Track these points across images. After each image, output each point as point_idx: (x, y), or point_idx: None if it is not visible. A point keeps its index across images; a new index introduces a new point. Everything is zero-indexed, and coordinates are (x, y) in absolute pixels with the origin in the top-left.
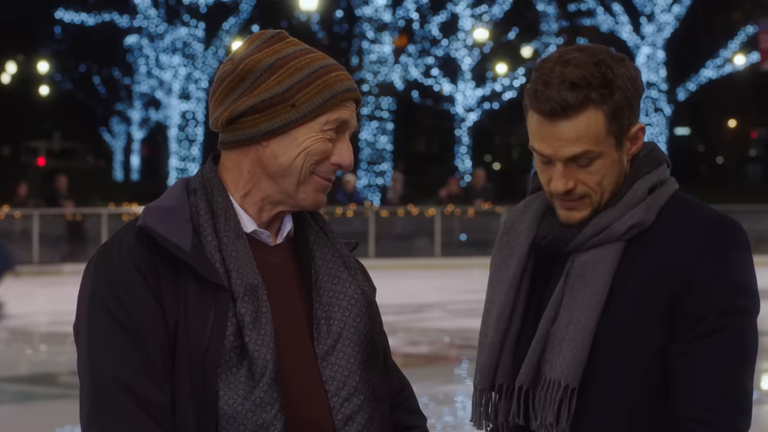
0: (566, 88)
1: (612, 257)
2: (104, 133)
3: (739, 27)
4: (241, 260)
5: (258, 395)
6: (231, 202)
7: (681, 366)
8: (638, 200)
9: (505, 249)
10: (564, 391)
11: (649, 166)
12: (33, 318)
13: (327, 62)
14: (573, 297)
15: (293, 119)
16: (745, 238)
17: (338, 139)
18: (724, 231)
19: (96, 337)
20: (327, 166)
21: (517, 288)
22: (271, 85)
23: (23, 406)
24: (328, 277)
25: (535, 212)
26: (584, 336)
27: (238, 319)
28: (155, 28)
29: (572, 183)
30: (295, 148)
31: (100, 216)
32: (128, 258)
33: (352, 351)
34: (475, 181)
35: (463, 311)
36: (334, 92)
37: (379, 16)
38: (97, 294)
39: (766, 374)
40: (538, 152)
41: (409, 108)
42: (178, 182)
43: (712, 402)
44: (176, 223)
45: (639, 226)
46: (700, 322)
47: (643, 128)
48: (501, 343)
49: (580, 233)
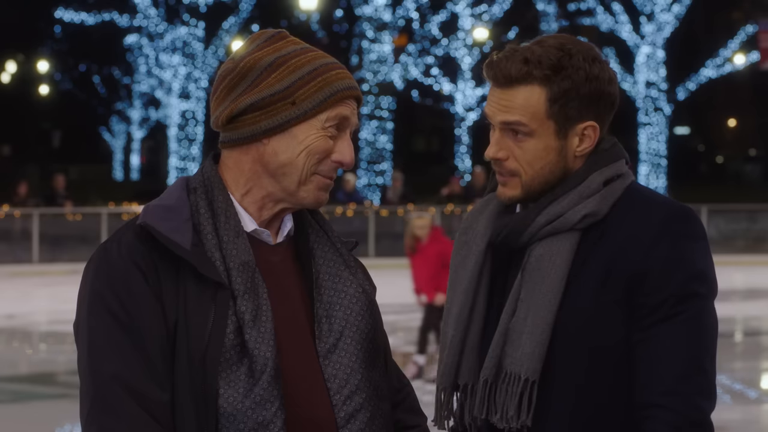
0: (517, 61)
1: (567, 249)
2: (104, 132)
3: (739, 26)
4: (241, 259)
5: (258, 393)
6: (231, 200)
7: (639, 354)
8: (593, 191)
9: (463, 249)
10: (524, 384)
11: (607, 160)
12: (33, 317)
13: (327, 60)
14: (530, 290)
15: (294, 116)
16: (700, 226)
17: (339, 136)
18: (677, 219)
19: (96, 336)
20: (328, 164)
21: (475, 286)
22: (272, 82)
23: (23, 406)
24: (329, 275)
25: (492, 211)
26: (543, 329)
27: (238, 318)
28: (155, 27)
29: (503, 153)
30: (296, 146)
31: (99, 215)
32: (128, 256)
33: (353, 349)
34: (474, 180)
35: None
36: (335, 89)
37: (379, 16)
38: (96, 293)
39: (766, 374)
40: (484, 114)
41: (409, 107)
42: (178, 181)
43: (670, 386)
44: (176, 221)
45: (592, 216)
46: (656, 310)
47: (594, 127)
48: (462, 342)
49: (533, 222)
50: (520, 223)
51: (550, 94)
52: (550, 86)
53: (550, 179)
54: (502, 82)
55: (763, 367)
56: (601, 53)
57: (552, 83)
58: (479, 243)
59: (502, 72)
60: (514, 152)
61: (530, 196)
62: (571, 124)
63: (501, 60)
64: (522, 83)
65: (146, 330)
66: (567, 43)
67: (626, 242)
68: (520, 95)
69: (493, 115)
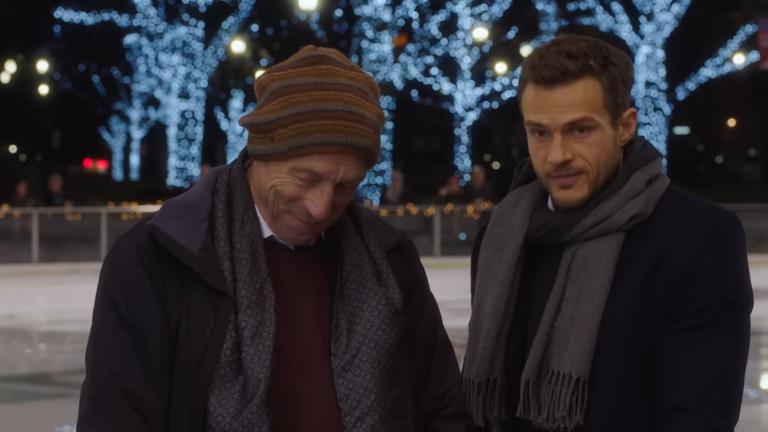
0: (564, 57)
1: (614, 249)
2: (104, 132)
3: (739, 26)
4: (250, 269)
5: (246, 416)
6: (252, 204)
7: (673, 356)
8: (638, 191)
9: (496, 242)
10: (576, 383)
11: (646, 159)
12: (32, 317)
13: (327, 106)
14: (576, 290)
15: (268, 153)
16: (743, 233)
17: (315, 186)
18: (727, 225)
19: (101, 333)
20: (299, 208)
21: (511, 280)
22: (268, 110)
23: (22, 406)
24: (355, 285)
25: (527, 204)
26: (592, 328)
27: (237, 332)
28: (154, 27)
29: (570, 154)
30: (268, 181)
31: (99, 215)
32: (136, 255)
33: (369, 367)
34: (474, 180)
35: (462, 310)
36: (305, 142)
37: (379, 16)
38: (106, 289)
39: (766, 373)
40: (535, 124)
41: (408, 107)
42: (210, 173)
43: (700, 393)
44: (191, 221)
45: (640, 217)
46: (696, 315)
47: (635, 113)
48: (497, 335)
49: (579, 223)
50: (566, 222)
51: (606, 84)
52: (604, 75)
53: (610, 171)
54: (558, 77)
55: (763, 367)
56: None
57: (605, 73)
58: (517, 237)
59: (560, 69)
60: (580, 151)
61: (595, 194)
62: (620, 112)
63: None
64: (577, 77)
65: (149, 334)
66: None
67: (673, 245)
68: (579, 89)
69: (552, 120)
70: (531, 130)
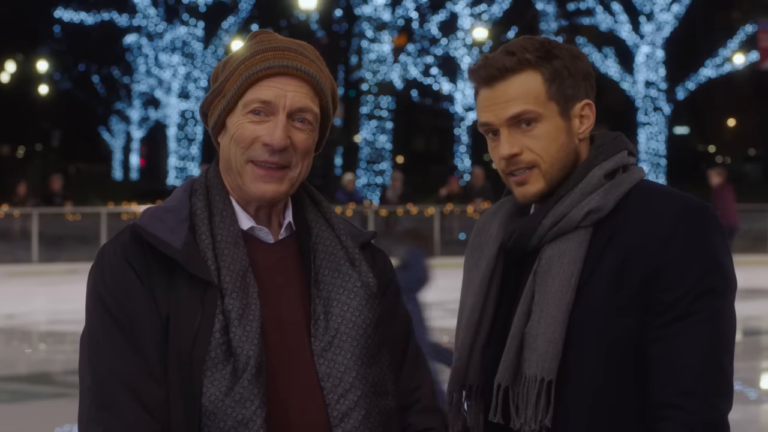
0: (503, 55)
1: (575, 248)
2: (104, 132)
3: (739, 26)
4: (232, 257)
5: (238, 391)
6: (230, 200)
7: (656, 351)
8: (594, 187)
9: (476, 252)
10: (540, 384)
11: (607, 153)
12: (32, 317)
13: (266, 46)
14: (541, 292)
15: (222, 109)
16: (716, 221)
17: (270, 120)
18: (694, 214)
19: (96, 335)
20: (257, 149)
21: (486, 290)
22: (215, 80)
23: (22, 406)
24: (329, 270)
25: (505, 214)
26: (555, 328)
27: (225, 315)
28: (154, 27)
29: (517, 148)
30: (227, 139)
31: (99, 215)
32: (122, 256)
33: (349, 347)
34: (474, 180)
35: None
36: (252, 72)
37: (379, 15)
38: (96, 292)
39: (766, 373)
40: (483, 124)
41: (408, 107)
42: (184, 183)
43: (687, 386)
44: (172, 221)
45: (596, 212)
46: (673, 307)
47: (590, 105)
48: (471, 345)
49: (540, 225)
50: (528, 226)
51: (546, 75)
52: (544, 67)
53: (566, 163)
54: (496, 75)
55: (762, 367)
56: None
57: (545, 64)
58: (491, 246)
59: (497, 67)
60: (527, 144)
61: (552, 187)
62: (570, 103)
63: (487, 59)
64: (516, 71)
65: (143, 328)
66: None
67: (640, 239)
68: (516, 85)
69: (495, 117)
70: (485, 132)
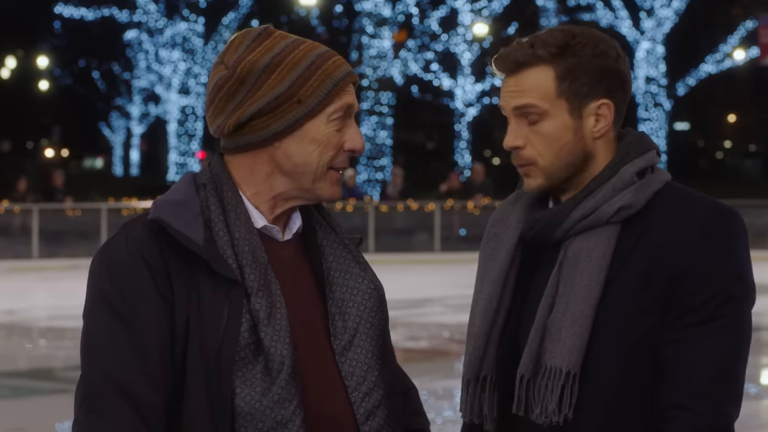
0: (524, 46)
1: (605, 243)
2: (104, 127)
3: (739, 22)
4: (253, 255)
5: (276, 391)
6: (241, 197)
7: (672, 353)
8: (626, 183)
9: (492, 241)
10: (566, 377)
11: (637, 152)
12: (32, 313)
13: (321, 50)
14: (568, 285)
15: (302, 115)
16: (744, 227)
17: (346, 124)
18: (723, 220)
19: (95, 332)
20: (342, 156)
21: (504, 280)
22: (273, 84)
23: (22, 401)
24: (339, 272)
25: (525, 204)
26: (582, 322)
27: (252, 315)
28: (155, 23)
29: (520, 141)
30: (308, 144)
31: (99, 211)
32: (136, 252)
33: (368, 346)
34: (474, 176)
35: (462, 306)
36: (336, 80)
37: (379, 11)
38: (100, 288)
39: (766, 369)
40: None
41: (409, 103)
42: (184, 177)
43: (699, 389)
44: (187, 216)
45: (628, 209)
46: (695, 311)
47: (609, 105)
48: (487, 334)
49: (568, 218)
50: (555, 217)
51: (558, 72)
52: (557, 64)
53: (571, 162)
54: (511, 68)
55: (762, 363)
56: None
57: (558, 61)
58: (511, 236)
59: (511, 58)
60: (531, 138)
61: (555, 184)
62: (583, 102)
63: (507, 50)
64: (530, 66)
65: (147, 329)
66: (572, 28)
67: (669, 240)
68: (529, 78)
69: (505, 103)
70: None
